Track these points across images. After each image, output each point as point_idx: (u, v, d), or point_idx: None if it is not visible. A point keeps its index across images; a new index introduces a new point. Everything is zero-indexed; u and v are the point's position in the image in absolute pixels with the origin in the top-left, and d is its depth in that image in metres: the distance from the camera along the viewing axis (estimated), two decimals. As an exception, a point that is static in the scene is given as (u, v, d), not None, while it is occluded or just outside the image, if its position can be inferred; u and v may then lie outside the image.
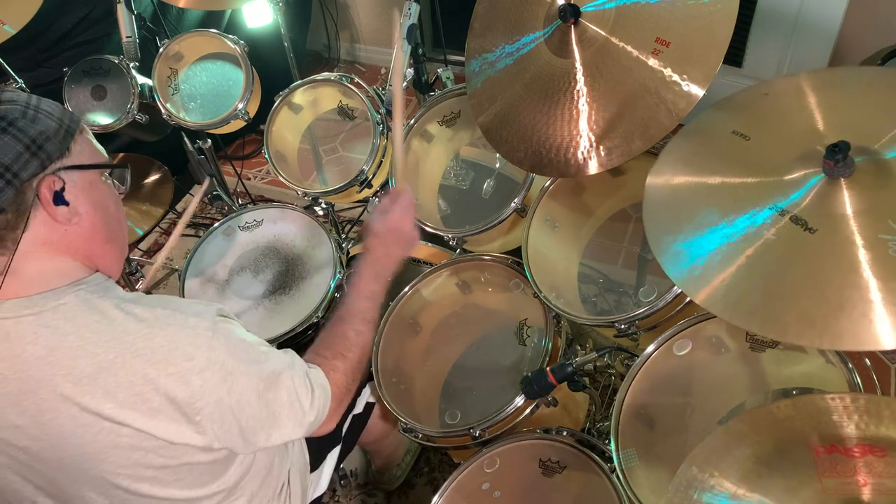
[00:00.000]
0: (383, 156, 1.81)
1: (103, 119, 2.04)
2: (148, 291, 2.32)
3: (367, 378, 1.55)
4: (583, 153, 1.23)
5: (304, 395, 1.05)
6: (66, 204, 0.92)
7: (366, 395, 1.56)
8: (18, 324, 0.90)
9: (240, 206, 2.30)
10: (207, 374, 0.92)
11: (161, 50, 1.98)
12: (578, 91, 1.25)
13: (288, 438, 1.05)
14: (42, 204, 0.90)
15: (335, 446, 1.47)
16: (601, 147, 1.22)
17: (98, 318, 0.91)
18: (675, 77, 1.14)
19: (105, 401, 0.89)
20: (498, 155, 1.67)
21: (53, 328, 0.90)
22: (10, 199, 0.87)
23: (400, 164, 1.44)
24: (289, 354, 1.08)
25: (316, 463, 1.42)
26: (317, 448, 1.42)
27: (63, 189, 0.92)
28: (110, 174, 1.02)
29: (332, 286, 1.70)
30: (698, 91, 1.12)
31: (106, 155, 1.01)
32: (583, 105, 1.24)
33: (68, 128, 0.94)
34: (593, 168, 1.22)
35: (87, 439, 0.92)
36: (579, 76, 1.25)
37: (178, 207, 2.73)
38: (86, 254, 0.97)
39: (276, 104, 1.89)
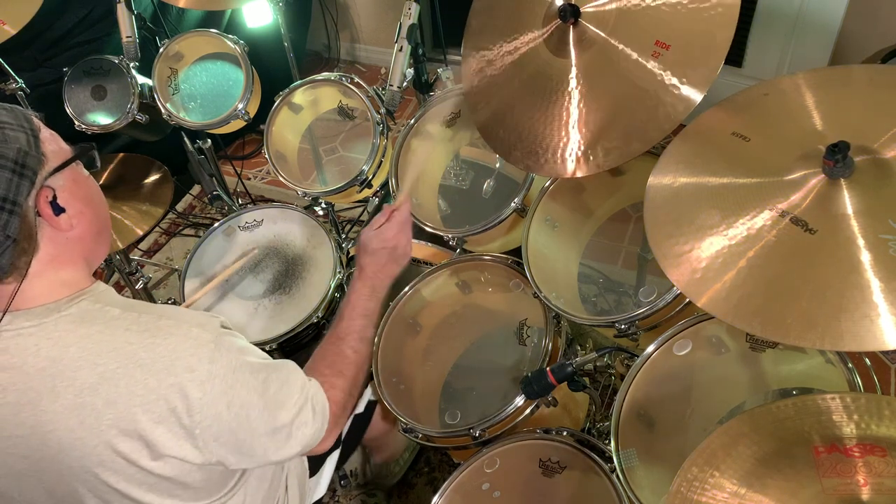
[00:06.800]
0: (383, 156, 1.81)
1: (103, 119, 2.03)
2: (148, 291, 2.32)
3: (368, 378, 1.55)
4: (580, 154, 1.23)
5: (304, 412, 1.03)
6: (63, 210, 0.91)
7: (367, 395, 1.56)
8: (19, 335, 0.89)
9: (240, 206, 2.30)
10: (207, 386, 0.90)
11: (161, 50, 1.98)
12: (577, 91, 1.24)
13: (285, 457, 1.03)
14: (45, 219, 0.90)
15: (335, 450, 1.47)
16: (598, 148, 1.21)
17: (100, 329, 0.90)
18: (675, 80, 1.13)
19: (105, 412, 0.88)
20: (498, 155, 1.67)
21: (55, 339, 0.89)
22: (17, 227, 0.86)
23: (408, 182, 1.43)
24: (289, 369, 1.05)
25: (315, 468, 1.42)
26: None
27: (55, 196, 0.90)
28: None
29: (332, 286, 1.70)
30: (697, 95, 1.11)
31: (63, 142, 0.98)
32: (581, 106, 1.24)
33: (32, 132, 0.91)
34: (590, 169, 1.22)
35: (87, 451, 0.90)
36: (578, 77, 1.24)
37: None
38: (84, 255, 0.96)
39: (276, 104, 1.89)
